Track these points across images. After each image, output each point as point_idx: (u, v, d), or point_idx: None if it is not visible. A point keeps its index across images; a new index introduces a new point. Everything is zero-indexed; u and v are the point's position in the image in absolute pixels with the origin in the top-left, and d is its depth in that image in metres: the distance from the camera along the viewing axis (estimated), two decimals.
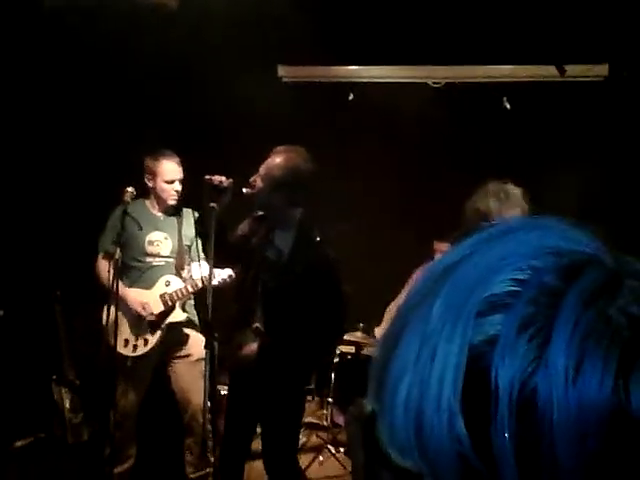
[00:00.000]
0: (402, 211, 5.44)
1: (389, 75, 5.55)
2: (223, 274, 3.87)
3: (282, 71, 5.50)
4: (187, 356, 4.13)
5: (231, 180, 3.26)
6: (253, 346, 3.30)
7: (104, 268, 4.02)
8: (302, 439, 5.02)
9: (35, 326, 4.60)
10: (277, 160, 3.29)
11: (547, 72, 5.45)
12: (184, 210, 4.21)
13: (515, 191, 3.20)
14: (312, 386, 4.95)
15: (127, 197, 3.87)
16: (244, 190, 3.27)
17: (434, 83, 5.58)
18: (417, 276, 3.83)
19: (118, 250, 3.82)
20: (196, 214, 3.76)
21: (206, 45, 4.82)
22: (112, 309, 3.81)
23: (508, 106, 5.56)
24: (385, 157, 5.45)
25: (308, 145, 5.31)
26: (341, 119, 5.43)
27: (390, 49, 5.23)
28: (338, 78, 5.54)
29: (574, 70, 5.41)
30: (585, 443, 0.43)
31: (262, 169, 3.29)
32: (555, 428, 0.44)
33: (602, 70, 5.41)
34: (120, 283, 3.96)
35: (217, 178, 3.24)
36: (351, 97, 5.48)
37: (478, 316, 0.47)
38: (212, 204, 3.17)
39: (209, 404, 3.39)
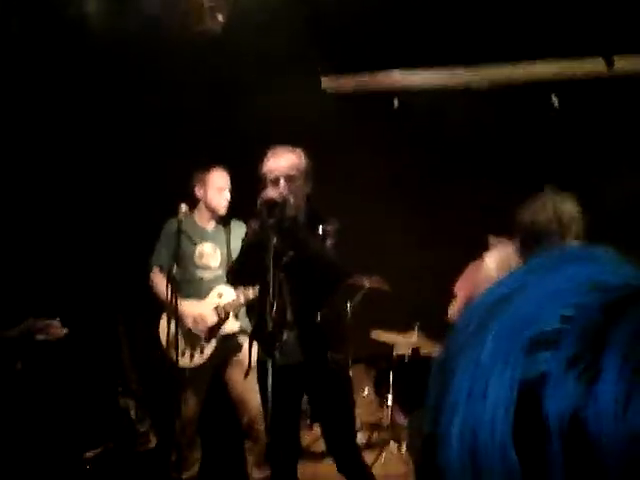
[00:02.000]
0: (453, 215, 5.44)
1: (432, 80, 5.54)
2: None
3: (326, 83, 5.56)
4: (242, 362, 4.24)
5: (285, 194, 3.31)
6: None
7: (159, 281, 4.16)
8: (363, 439, 5.09)
9: (99, 342, 4.78)
10: (296, 156, 3.44)
11: (595, 66, 5.32)
12: (232, 221, 4.32)
13: (569, 205, 3.16)
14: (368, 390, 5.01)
15: (181, 215, 4.01)
16: (276, 198, 3.27)
17: (478, 85, 5.54)
18: (471, 269, 3.82)
19: (175, 267, 3.95)
20: (244, 226, 3.83)
21: (248, 63, 4.93)
22: (171, 323, 3.96)
23: (557, 104, 5.46)
24: (432, 162, 5.46)
25: (355, 154, 5.42)
26: (387, 126, 5.47)
27: (432, 53, 5.23)
28: (382, 86, 5.56)
29: (624, 62, 5.27)
30: (635, 475, 0.46)
31: (287, 170, 3.37)
32: (606, 460, 0.47)
33: None
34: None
35: (274, 194, 3.30)
36: (396, 104, 5.51)
37: (528, 353, 0.50)
38: (271, 220, 3.22)
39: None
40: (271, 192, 3.31)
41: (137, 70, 4.74)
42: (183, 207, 4.03)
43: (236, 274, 3.60)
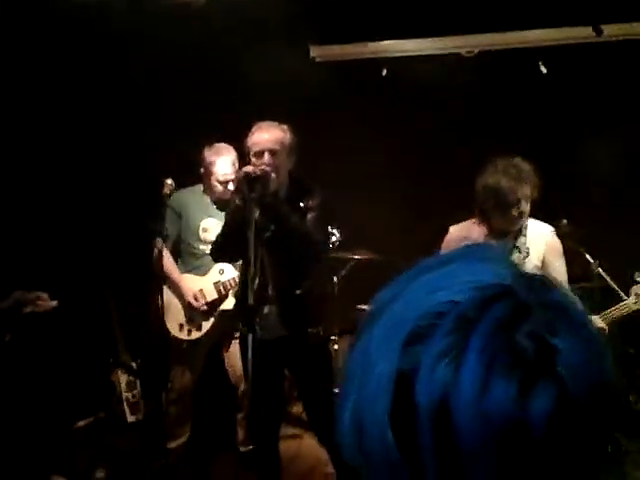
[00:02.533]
0: (442, 183, 5.44)
1: (421, 48, 5.52)
2: None
3: (314, 51, 5.52)
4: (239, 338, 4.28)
5: (268, 169, 3.33)
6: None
7: (158, 253, 4.18)
8: None
9: (89, 314, 4.81)
10: (281, 131, 3.45)
11: (583, 33, 5.32)
12: None
13: (525, 167, 3.28)
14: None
15: (166, 190, 3.98)
16: (258, 172, 3.29)
17: (467, 52, 5.53)
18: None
19: (160, 241, 3.96)
20: None
21: (238, 31, 4.87)
22: (160, 296, 3.98)
23: (544, 70, 5.48)
24: (423, 130, 5.45)
25: (345, 123, 5.40)
26: (376, 95, 5.45)
27: (421, 21, 5.20)
28: (370, 55, 5.54)
29: (612, 29, 5.28)
30: (490, 450, 0.53)
31: (271, 144, 3.38)
32: (466, 439, 0.53)
33: None
34: (176, 269, 4.18)
35: (254, 169, 3.31)
36: (384, 73, 5.49)
37: (406, 345, 0.56)
38: (252, 194, 3.23)
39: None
40: (253, 166, 3.33)
41: (120, 42, 4.68)
42: (168, 182, 4.01)
43: (219, 249, 3.60)
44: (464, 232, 3.48)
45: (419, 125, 5.42)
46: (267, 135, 3.42)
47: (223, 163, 4.14)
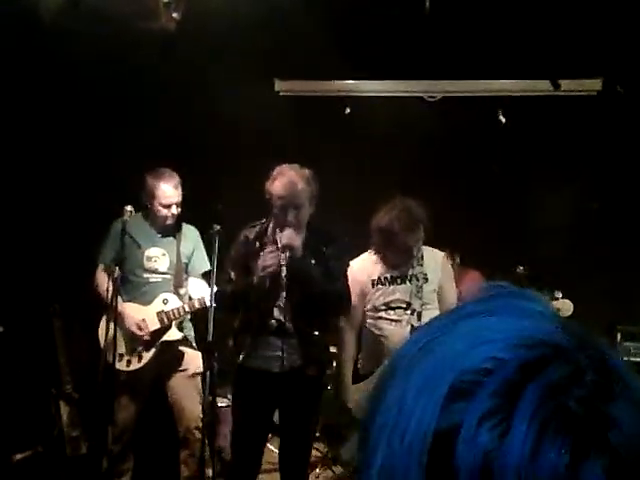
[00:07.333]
0: None
1: (385, 89, 5.60)
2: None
3: (279, 85, 5.54)
4: (183, 370, 4.17)
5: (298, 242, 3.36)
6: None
7: (103, 281, 4.06)
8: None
9: (34, 340, 4.63)
10: (306, 183, 3.42)
11: (542, 86, 5.50)
12: (184, 226, 4.23)
13: (419, 212, 3.50)
14: None
15: (126, 216, 3.90)
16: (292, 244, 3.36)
17: (429, 97, 5.62)
18: None
19: (117, 269, 3.84)
20: (196, 231, 3.81)
21: (203, 61, 4.86)
22: (110, 325, 3.83)
23: (503, 119, 5.61)
24: (381, 170, 5.49)
25: (305, 158, 5.39)
26: (338, 132, 5.47)
27: (386, 64, 5.27)
28: (335, 92, 5.58)
29: (568, 84, 5.47)
30: None
31: (297, 199, 3.37)
32: None
33: (596, 84, 5.47)
34: (118, 297, 4.02)
35: (288, 240, 3.34)
36: (348, 111, 5.52)
37: (446, 401, 0.51)
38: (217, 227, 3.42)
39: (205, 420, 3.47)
40: (287, 237, 3.32)
41: (90, 67, 4.61)
42: (128, 208, 3.92)
43: (230, 309, 3.50)
44: (364, 263, 3.68)
45: (379, 163, 5.46)
46: (292, 189, 3.35)
47: (166, 186, 4.10)
